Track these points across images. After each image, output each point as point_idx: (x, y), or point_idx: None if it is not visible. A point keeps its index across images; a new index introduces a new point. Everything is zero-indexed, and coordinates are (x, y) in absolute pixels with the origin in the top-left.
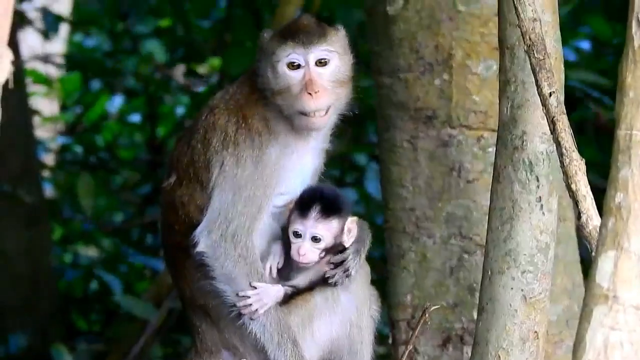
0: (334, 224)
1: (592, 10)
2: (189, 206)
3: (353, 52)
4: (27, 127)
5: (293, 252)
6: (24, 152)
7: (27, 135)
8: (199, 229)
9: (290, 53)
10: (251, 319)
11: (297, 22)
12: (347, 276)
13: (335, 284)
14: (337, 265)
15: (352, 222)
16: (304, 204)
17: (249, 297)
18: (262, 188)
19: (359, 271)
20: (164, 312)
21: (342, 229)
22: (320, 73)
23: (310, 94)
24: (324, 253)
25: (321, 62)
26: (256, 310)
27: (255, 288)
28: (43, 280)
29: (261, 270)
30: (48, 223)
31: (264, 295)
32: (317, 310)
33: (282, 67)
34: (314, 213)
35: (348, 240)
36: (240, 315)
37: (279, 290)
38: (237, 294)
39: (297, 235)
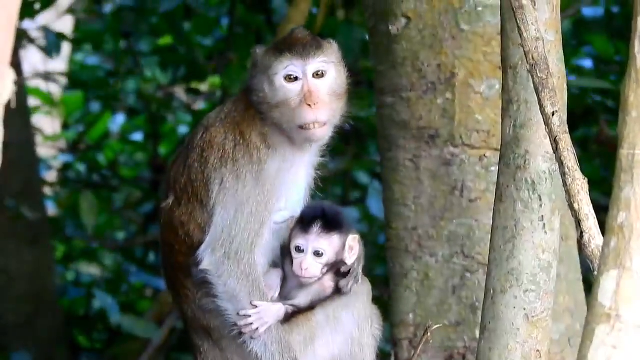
0: (335, 239)
1: (594, 29)
2: (188, 225)
3: (355, 71)
4: (29, 146)
5: (295, 267)
6: (26, 170)
7: (29, 154)
8: (202, 247)
9: (288, 65)
10: (252, 338)
11: (292, 36)
12: (357, 282)
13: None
14: (344, 275)
15: (353, 240)
16: (305, 220)
17: (250, 316)
18: (263, 203)
19: (361, 289)
20: (166, 330)
21: (344, 245)
22: (318, 85)
23: (309, 105)
24: (325, 269)
25: (318, 74)
26: (257, 329)
27: (257, 307)
28: (45, 299)
29: (263, 288)
30: (50, 241)
31: (265, 314)
32: (318, 329)
33: (280, 80)
34: (316, 228)
35: (350, 257)
36: (241, 334)
37: (280, 309)
38: (238, 313)
39: (299, 250)
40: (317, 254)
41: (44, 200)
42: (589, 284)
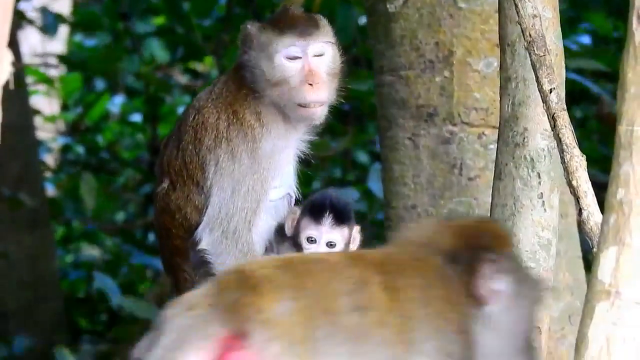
0: (345, 230)
1: (592, 6)
2: (185, 209)
3: (353, 50)
4: (28, 128)
5: None
6: (26, 153)
7: (28, 136)
8: (200, 227)
9: (290, 45)
10: None
11: (289, 14)
12: None
13: None
14: None
15: (357, 231)
16: (316, 210)
17: None
18: (259, 182)
19: None
20: None
21: (351, 237)
22: (318, 64)
23: (310, 84)
24: None
25: (318, 54)
26: None
27: None
28: (46, 282)
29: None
30: (50, 224)
31: None
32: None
33: (280, 59)
34: (328, 219)
35: (353, 247)
36: None
37: None
38: None
39: (312, 241)
40: (330, 244)
41: (44, 183)
42: (589, 261)
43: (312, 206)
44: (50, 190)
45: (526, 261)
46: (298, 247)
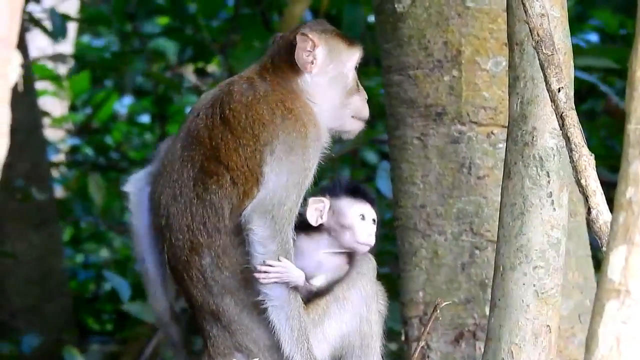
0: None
1: (599, 4)
2: (233, 205)
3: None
4: (36, 129)
5: (362, 235)
6: (34, 153)
7: (37, 137)
8: (250, 207)
9: (358, 56)
10: (274, 306)
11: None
12: None
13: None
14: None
15: None
16: (356, 191)
17: (273, 266)
18: (306, 179)
19: (366, 267)
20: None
21: None
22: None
23: (365, 99)
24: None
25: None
26: (270, 280)
27: (282, 262)
28: (54, 282)
29: (293, 260)
30: (59, 224)
31: (287, 271)
32: (327, 309)
33: (352, 70)
34: (367, 198)
35: None
36: (264, 302)
37: (300, 276)
38: (264, 261)
39: (362, 218)
40: (375, 221)
41: (52, 183)
42: (598, 260)
43: (349, 189)
44: (59, 191)
45: (536, 260)
46: (341, 232)
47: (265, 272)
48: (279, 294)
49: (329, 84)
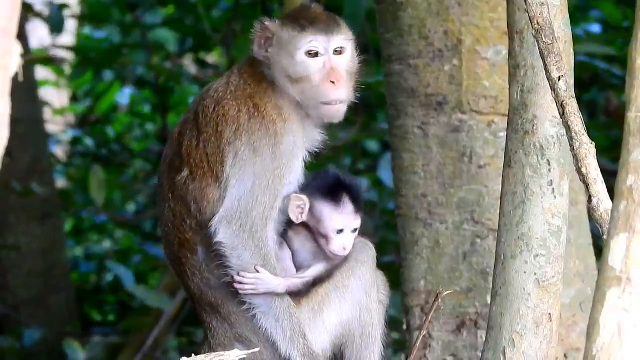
0: (362, 214)
1: None
2: (202, 201)
3: (362, 39)
4: (37, 121)
5: (337, 247)
6: (35, 145)
7: (38, 129)
8: (216, 219)
9: (312, 41)
10: (262, 313)
11: (309, 11)
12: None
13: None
14: None
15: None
16: (338, 200)
17: (247, 277)
18: (278, 177)
19: (365, 255)
20: (178, 302)
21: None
22: (338, 62)
23: (333, 82)
24: None
25: (338, 51)
26: (247, 292)
27: (258, 272)
28: (57, 274)
29: (274, 262)
30: (60, 216)
31: (261, 283)
32: (326, 297)
33: (301, 55)
34: (350, 207)
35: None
36: (251, 309)
37: (279, 284)
38: (238, 273)
39: (340, 231)
40: (354, 231)
41: (54, 175)
42: (599, 248)
43: (334, 194)
44: (60, 183)
45: (537, 248)
46: (313, 233)
47: (240, 282)
48: (262, 301)
49: (284, 72)
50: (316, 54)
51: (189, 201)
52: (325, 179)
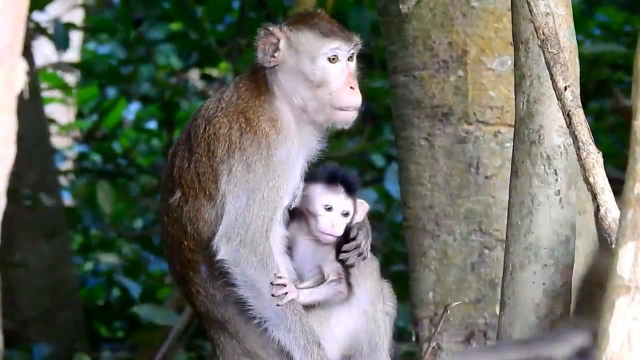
0: (355, 201)
1: (605, 1)
2: (197, 222)
3: (367, 51)
4: (44, 137)
5: (324, 225)
6: (42, 161)
7: (44, 145)
8: (216, 237)
9: (336, 47)
10: (274, 325)
11: (320, 16)
12: (363, 258)
13: (351, 266)
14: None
15: (360, 203)
16: (331, 180)
17: (284, 284)
18: (275, 189)
19: (370, 265)
20: (186, 317)
21: (356, 209)
22: (351, 67)
23: (352, 88)
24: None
25: (351, 58)
26: (288, 296)
27: (282, 277)
28: (64, 290)
29: (279, 274)
30: (68, 232)
31: (288, 292)
32: (333, 309)
33: (323, 61)
34: (343, 189)
35: (357, 219)
36: (261, 322)
37: (293, 290)
38: (271, 283)
39: (328, 209)
40: (345, 214)
41: (60, 191)
42: None
43: (326, 176)
44: (67, 199)
45: (545, 258)
46: (309, 217)
47: (278, 292)
48: (273, 313)
49: (300, 77)
50: (335, 60)
51: (185, 223)
52: (324, 168)
